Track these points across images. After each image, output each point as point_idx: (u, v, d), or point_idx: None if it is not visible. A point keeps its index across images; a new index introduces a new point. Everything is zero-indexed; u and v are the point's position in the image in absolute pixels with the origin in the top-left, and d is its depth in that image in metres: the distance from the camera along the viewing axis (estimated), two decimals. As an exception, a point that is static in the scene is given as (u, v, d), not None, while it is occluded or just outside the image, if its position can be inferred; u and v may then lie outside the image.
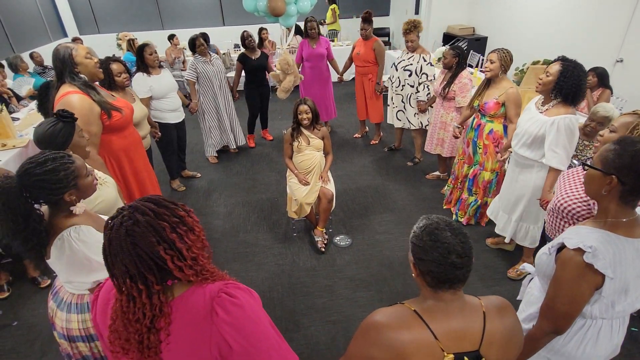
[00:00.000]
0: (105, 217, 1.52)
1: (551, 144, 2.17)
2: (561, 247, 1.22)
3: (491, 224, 3.03)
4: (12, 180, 1.24)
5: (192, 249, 0.88)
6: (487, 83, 2.91)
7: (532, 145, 2.33)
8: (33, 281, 2.84)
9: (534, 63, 3.78)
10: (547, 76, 2.18)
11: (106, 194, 1.73)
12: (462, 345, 0.96)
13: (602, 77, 3.56)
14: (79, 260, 1.32)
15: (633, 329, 2.32)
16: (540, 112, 2.26)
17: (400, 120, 4.23)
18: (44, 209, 1.38)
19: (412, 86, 3.92)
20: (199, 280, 0.90)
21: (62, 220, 1.34)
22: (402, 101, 4.07)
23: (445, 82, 3.48)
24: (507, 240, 2.77)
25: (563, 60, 2.16)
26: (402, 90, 4.01)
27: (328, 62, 4.84)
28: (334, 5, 7.69)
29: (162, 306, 0.86)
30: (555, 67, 2.15)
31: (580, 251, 1.14)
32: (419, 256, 0.98)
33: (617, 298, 1.19)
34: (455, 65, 3.41)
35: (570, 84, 2.10)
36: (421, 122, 4.11)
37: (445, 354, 0.94)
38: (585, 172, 1.26)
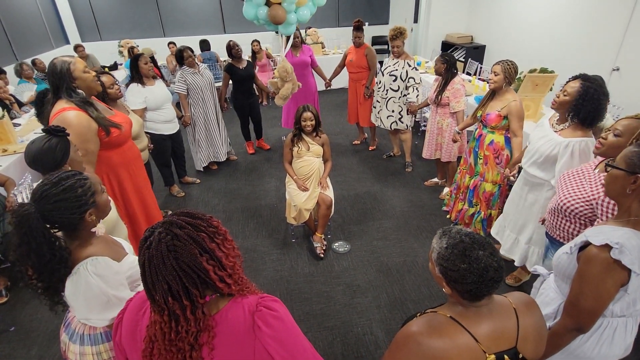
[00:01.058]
0: (117, 239, 1.47)
1: (563, 167, 2.04)
2: (583, 246, 1.24)
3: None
4: (30, 206, 1.15)
5: (229, 257, 0.89)
6: (492, 94, 2.87)
7: (542, 165, 2.21)
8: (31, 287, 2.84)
9: (531, 71, 3.81)
10: (565, 95, 2.03)
11: (107, 216, 1.70)
12: (501, 344, 0.98)
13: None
14: (96, 296, 1.24)
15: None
16: (555, 131, 2.13)
17: (380, 119, 4.32)
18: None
19: (395, 90, 4.03)
20: (237, 290, 0.90)
21: (78, 251, 1.26)
22: (385, 104, 4.17)
23: (438, 89, 3.54)
24: (517, 264, 2.61)
25: (584, 79, 1.99)
26: (386, 94, 4.12)
27: (313, 70, 4.89)
28: None
29: (206, 320, 0.86)
30: (575, 86, 1.99)
31: (607, 247, 1.16)
32: (455, 279, 0.96)
33: (639, 295, 1.22)
34: (444, 71, 3.48)
35: (589, 107, 1.93)
36: (406, 125, 4.21)
37: (487, 355, 0.95)
38: (607, 172, 1.28)
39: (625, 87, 4.23)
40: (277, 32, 4.01)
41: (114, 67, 6.90)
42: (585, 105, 1.94)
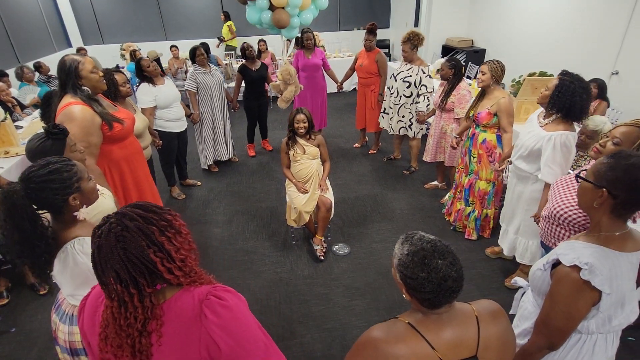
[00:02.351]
0: None
1: (547, 160, 2.15)
2: (556, 263, 1.20)
3: (494, 235, 3.05)
4: (16, 185, 1.24)
5: (180, 250, 0.91)
6: (482, 94, 2.98)
7: (527, 158, 2.33)
8: (32, 288, 2.86)
9: (530, 75, 3.83)
10: (546, 90, 2.17)
11: (104, 205, 1.72)
12: (460, 352, 0.97)
13: (600, 89, 3.62)
14: (82, 273, 1.31)
15: (629, 338, 2.32)
16: (541, 126, 2.25)
17: (392, 128, 4.30)
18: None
19: (407, 96, 3.99)
20: (188, 282, 0.93)
21: (65, 231, 1.33)
22: (397, 111, 4.14)
23: (443, 94, 3.53)
24: (506, 253, 2.77)
25: (562, 74, 2.13)
26: (399, 100, 4.07)
27: (324, 73, 4.92)
28: (230, 22, 7.69)
29: (154, 309, 0.89)
30: (554, 81, 2.14)
31: (576, 268, 1.13)
32: (413, 286, 0.96)
33: (614, 312, 1.19)
34: (451, 76, 3.47)
35: (564, 99, 2.06)
36: (414, 132, 4.17)
37: None
38: (578, 184, 1.25)
39: (624, 91, 4.24)
40: (282, 36, 4.03)
41: (116, 70, 6.93)
42: (561, 97, 2.06)
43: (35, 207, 1.27)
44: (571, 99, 2.05)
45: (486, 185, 3.09)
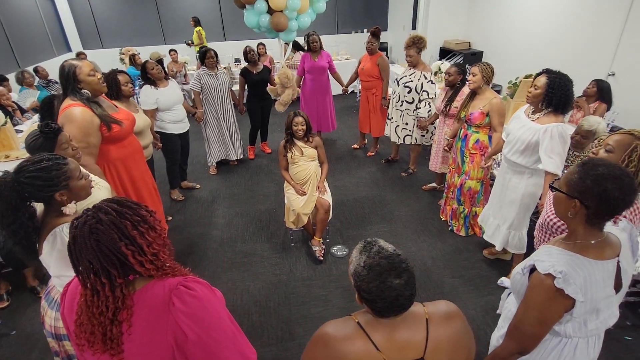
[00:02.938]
0: None
1: (546, 150, 2.24)
2: (534, 268, 1.21)
3: (486, 234, 3.06)
4: (8, 175, 1.33)
5: (152, 245, 0.94)
6: (472, 95, 3.03)
7: (524, 152, 2.40)
8: (32, 290, 2.87)
9: (527, 77, 3.86)
10: (535, 89, 2.26)
11: (97, 196, 1.76)
12: (406, 354, 0.99)
13: (602, 91, 3.65)
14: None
15: (626, 337, 2.34)
16: (532, 120, 2.33)
17: (396, 134, 4.29)
18: (40, 208, 1.44)
19: (409, 102, 3.97)
20: (159, 275, 0.96)
21: (55, 218, 1.41)
22: (400, 116, 4.13)
23: (447, 99, 3.50)
24: (498, 249, 2.81)
25: (548, 72, 2.24)
26: (401, 105, 4.06)
27: (330, 75, 4.94)
28: (199, 28, 7.61)
29: (125, 299, 0.93)
30: (542, 80, 2.23)
31: (550, 276, 1.13)
32: (367, 298, 0.99)
33: (589, 317, 1.20)
34: (460, 82, 3.43)
35: (559, 94, 2.18)
36: (415, 139, 4.16)
37: None
38: (553, 193, 1.24)
39: (621, 92, 4.27)
40: (279, 39, 4.06)
41: (120, 70, 6.95)
42: (555, 93, 2.19)
43: (25, 197, 1.35)
44: (565, 93, 2.18)
45: (476, 184, 3.14)
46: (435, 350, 0.99)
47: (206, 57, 4.16)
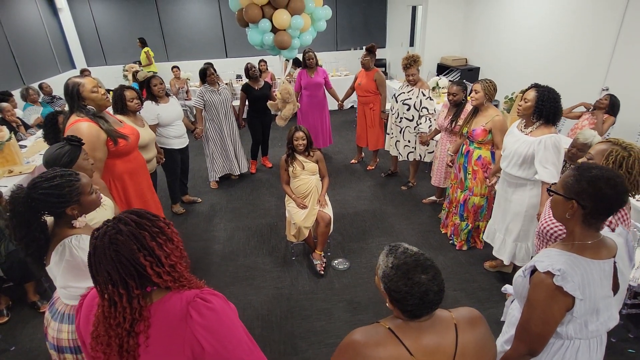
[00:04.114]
0: None
1: (541, 161, 2.31)
2: (534, 270, 1.25)
3: (488, 246, 3.08)
4: (23, 191, 1.37)
5: (170, 256, 0.96)
6: (475, 111, 3.06)
7: (522, 165, 2.46)
8: (33, 306, 2.85)
9: (523, 92, 3.93)
10: (526, 102, 2.36)
11: (100, 216, 1.79)
12: (437, 358, 1.00)
13: (614, 106, 3.81)
14: (77, 266, 1.41)
15: (629, 350, 2.33)
16: (526, 134, 2.41)
17: (396, 149, 4.34)
18: (50, 219, 1.47)
19: (409, 119, 4.02)
20: (176, 286, 0.97)
21: (65, 230, 1.44)
22: (400, 132, 4.19)
23: (451, 116, 3.52)
24: (506, 263, 2.81)
25: (537, 86, 2.35)
26: (400, 122, 4.12)
27: (326, 91, 5.03)
28: (146, 48, 7.63)
29: (142, 310, 0.93)
30: (532, 94, 2.34)
31: (550, 274, 1.17)
32: (396, 298, 1.00)
33: (590, 318, 1.23)
34: (464, 99, 3.46)
35: (549, 106, 2.29)
36: (420, 155, 4.18)
37: None
38: (550, 197, 1.30)
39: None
40: (280, 57, 4.15)
41: (128, 86, 7.06)
42: (545, 105, 2.29)
43: (37, 211, 1.38)
44: (554, 104, 2.29)
45: (480, 200, 3.15)
46: (463, 355, 1.01)
47: (207, 75, 4.26)
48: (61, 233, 1.43)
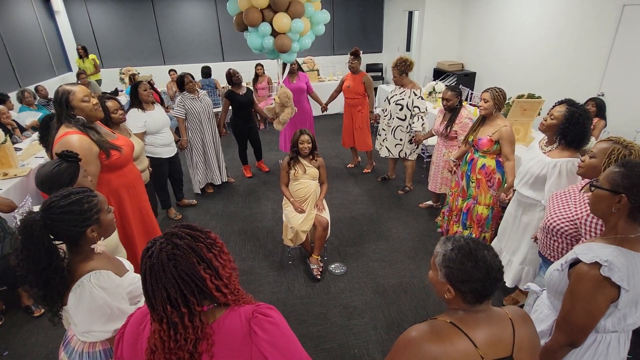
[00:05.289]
0: (121, 259, 1.52)
1: (552, 186, 2.13)
2: (573, 263, 1.28)
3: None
4: (36, 215, 1.23)
5: (225, 268, 0.94)
6: (482, 120, 2.97)
7: (534, 185, 2.29)
8: (26, 310, 2.82)
9: (519, 97, 3.96)
10: (552, 119, 2.16)
11: (112, 238, 1.71)
12: (498, 351, 1.01)
13: (601, 108, 3.81)
14: (100, 308, 1.27)
15: (629, 356, 2.33)
16: (544, 152, 2.24)
17: (385, 147, 4.37)
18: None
19: (401, 119, 4.09)
20: (233, 300, 0.95)
21: (81, 265, 1.30)
22: (392, 132, 4.23)
23: (446, 122, 3.53)
24: (509, 285, 2.62)
25: (569, 104, 2.12)
26: (392, 122, 4.17)
27: (308, 96, 5.06)
28: (93, 56, 7.22)
29: (204, 328, 0.90)
30: (561, 110, 2.12)
31: (596, 265, 1.20)
32: (462, 278, 1.00)
33: (629, 311, 1.26)
34: (458, 104, 3.47)
35: (575, 131, 2.06)
36: (406, 153, 4.24)
37: None
38: (592, 192, 1.33)
39: (610, 111, 4.38)
40: (278, 60, 4.16)
41: (115, 93, 7.04)
42: (571, 128, 2.07)
43: (52, 237, 1.26)
44: (582, 129, 2.07)
45: (485, 210, 3.06)
46: (520, 349, 1.03)
47: (185, 83, 4.12)
48: (77, 269, 1.29)
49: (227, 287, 0.93)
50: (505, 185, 2.87)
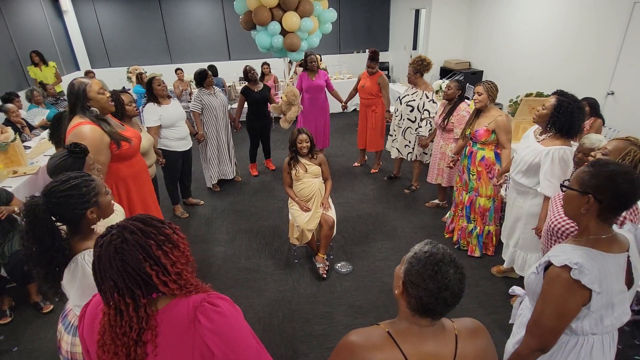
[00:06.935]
0: None
1: (546, 173, 2.23)
2: (548, 265, 1.26)
3: (498, 253, 3.06)
4: (39, 199, 1.30)
5: (176, 264, 0.94)
6: (477, 113, 3.06)
7: (527, 173, 2.40)
8: (35, 306, 2.86)
9: (527, 95, 3.93)
10: (543, 109, 2.27)
11: (114, 221, 1.76)
12: None
13: (593, 107, 3.72)
14: (90, 285, 1.31)
15: (635, 357, 2.31)
16: (538, 141, 2.34)
17: (396, 149, 4.36)
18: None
19: (412, 120, 4.05)
20: (182, 293, 0.95)
21: (78, 244, 1.38)
22: (402, 133, 4.20)
23: (444, 114, 3.58)
24: (505, 265, 2.80)
25: (559, 94, 2.23)
26: (403, 123, 4.15)
27: (328, 93, 5.05)
28: (52, 63, 6.18)
29: (149, 319, 0.91)
30: (551, 101, 2.23)
31: (567, 268, 1.18)
32: (414, 280, 0.97)
33: (605, 312, 1.23)
34: (457, 97, 3.52)
35: (564, 119, 2.17)
36: (416, 155, 4.21)
37: None
38: (563, 193, 1.32)
39: (619, 110, 4.33)
40: (288, 60, 4.16)
41: (122, 90, 7.08)
42: (560, 117, 2.19)
43: (54, 220, 1.32)
44: (570, 118, 2.17)
45: (486, 202, 3.13)
46: None
47: (206, 78, 4.24)
48: (74, 247, 1.37)
49: (175, 282, 0.93)
50: (500, 169, 2.96)
